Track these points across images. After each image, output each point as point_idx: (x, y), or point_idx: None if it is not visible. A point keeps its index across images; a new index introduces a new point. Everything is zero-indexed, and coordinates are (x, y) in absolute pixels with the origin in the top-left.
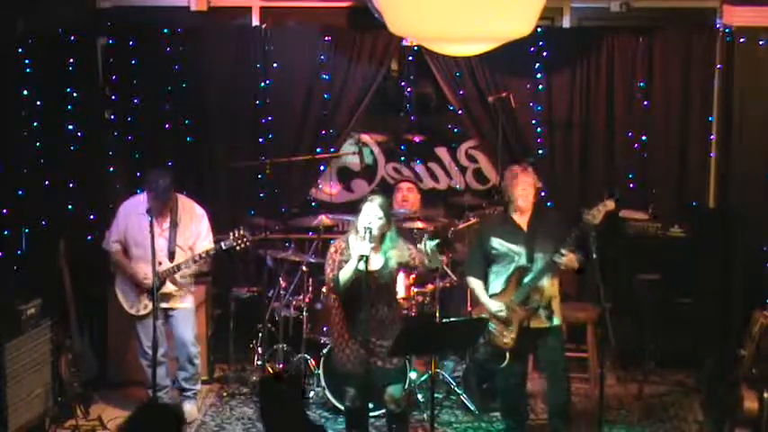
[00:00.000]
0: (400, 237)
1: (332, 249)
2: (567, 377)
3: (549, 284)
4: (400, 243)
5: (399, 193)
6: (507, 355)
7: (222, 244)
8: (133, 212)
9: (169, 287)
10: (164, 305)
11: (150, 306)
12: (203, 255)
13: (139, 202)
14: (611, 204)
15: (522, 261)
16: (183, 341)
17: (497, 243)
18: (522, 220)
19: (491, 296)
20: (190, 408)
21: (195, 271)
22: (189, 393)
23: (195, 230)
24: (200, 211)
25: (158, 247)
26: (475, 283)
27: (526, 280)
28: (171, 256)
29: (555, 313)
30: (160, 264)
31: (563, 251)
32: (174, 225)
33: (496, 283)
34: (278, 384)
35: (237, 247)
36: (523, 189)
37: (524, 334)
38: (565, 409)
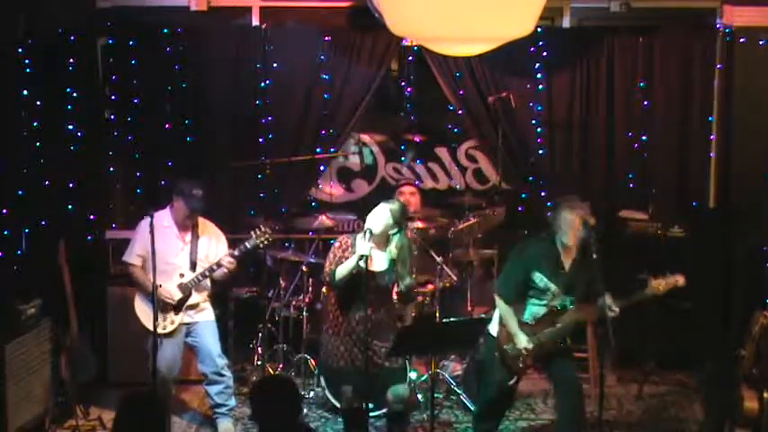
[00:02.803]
0: (411, 251)
1: (336, 244)
2: (582, 395)
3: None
4: (406, 254)
5: (402, 197)
6: (515, 377)
7: (247, 243)
8: (157, 227)
9: (195, 298)
10: (187, 319)
11: (177, 322)
12: (230, 257)
13: (161, 215)
14: (680, 281)
15: (559, 301)
16: (210, 354)
17: (538, 277)
18: (566, 259)
19: (520, 323)
20: (226, 425)
21: (221, 275)
22: (222, 410)
23: (216, 248)
24: (219, 231)
25: (180, 259)
26: (506, 309)
27: (564, 325)
28: (193, 267)
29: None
30: (182, 276)
31: (615, 308)
32: (195, 238)
33: (527, 313)
34: (275, 384)
35: (261, 244)
36: (578, 231)
37: (538, 353)
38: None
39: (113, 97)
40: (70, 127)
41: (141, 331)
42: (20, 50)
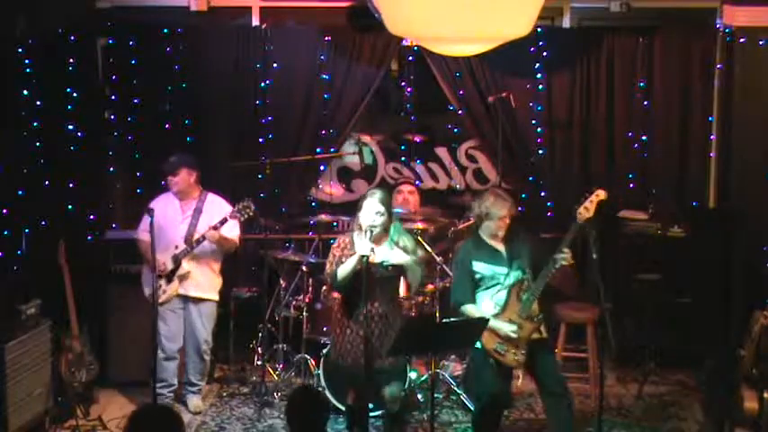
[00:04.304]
0: (405, 231)
1: (335, 244)
2: (569, 393)
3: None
4: (404, 234)
5: (400, 196)
6: (520, 374)
7: (227, 215)
8: (161, 201)
9: (184, 267)
10: (182, 291)
11: (170, 291)
12: (212, 229)
13: (166, 196)
14: (602, 194)
15: (512, 278)
16: (196, 334)
17: (479, 266)
18: (495, 242)
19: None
20: (196, 401)
21: (215, 250)
22: (194, 389)
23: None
24: (228, 207)
25: (179, 232)
26: (473, 310)
27: (528, 293)
28: (189, 240)
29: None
30: (177, 247)
31: (564, 249)
32: (197, 212)
33: (487, 306)
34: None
35: (242, 218)
36: (504, 221)
37: (530, 348)
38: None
39: (113, 97)
40: (70, 127)
41: (143, 303)
42: (20, 50)
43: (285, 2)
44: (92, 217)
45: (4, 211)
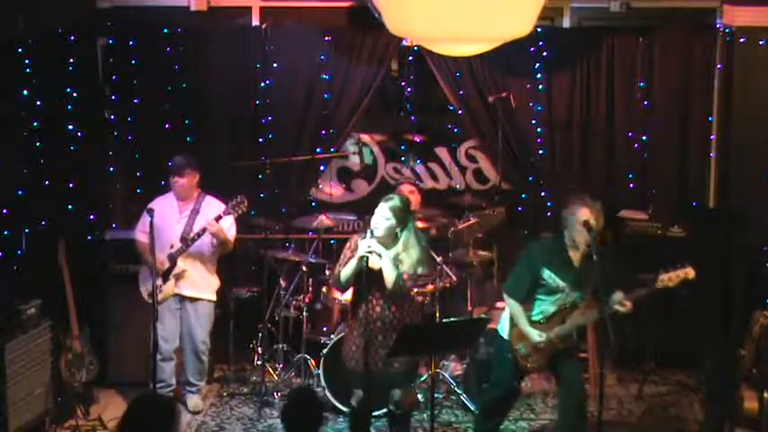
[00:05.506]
0: (420, 243)
1: (347, 245)
2: (585, 396)
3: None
4: (415, 248)
5: None
6: (525, 377)
7: (221, 212)
8: (159, 202)
9: (180, 266)
10: (177, 290)
11: (166, 290)
12: (208, 225)
13: (166, 196)
14: (691, 273)
15: (570, 299)
16: (193, 334)
17: (548, 275)
18: (575, 254)
19: (530, 321)
20: (196, 400)
21: (210, 249)
22: (194, 389)
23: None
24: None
25: (175, 232)
26: (516, 308)
27: (573, 321)
28: (184, 240)
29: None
30: (172, 246)
31: (626, 302)
32: (194, 212)
33: (537, 312)
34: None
35: (236, 213)
36: (581, 226)
37: (550, 355)
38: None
39: (113, 97)
40: (70, 127)
41: (142, 303)
42: (20, 50)
43: (285, 2)
44: (92, 217)
45: (4, 211)
